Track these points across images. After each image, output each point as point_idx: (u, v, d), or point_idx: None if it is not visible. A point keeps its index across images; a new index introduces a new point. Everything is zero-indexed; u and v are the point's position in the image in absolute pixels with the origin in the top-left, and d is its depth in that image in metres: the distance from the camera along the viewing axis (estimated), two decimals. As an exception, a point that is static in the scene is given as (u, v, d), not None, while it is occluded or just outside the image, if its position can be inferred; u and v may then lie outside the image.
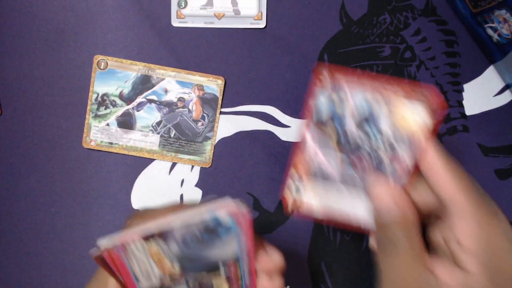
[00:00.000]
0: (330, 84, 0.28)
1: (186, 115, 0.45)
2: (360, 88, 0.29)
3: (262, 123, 0.46)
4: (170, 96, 0.45)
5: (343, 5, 0.46)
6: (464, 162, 0.45)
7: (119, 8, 0.45)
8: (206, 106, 0.45)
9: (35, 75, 0.45)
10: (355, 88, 0.29)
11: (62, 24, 0.45)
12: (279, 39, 0.46)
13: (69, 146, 0.45)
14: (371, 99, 0.29)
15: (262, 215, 0.45)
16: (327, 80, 0.28)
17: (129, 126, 0.45)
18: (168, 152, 0.45)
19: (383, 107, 0.29)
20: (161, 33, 0.45)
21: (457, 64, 0.46)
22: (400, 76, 0.46)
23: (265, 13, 0.45)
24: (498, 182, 0.45)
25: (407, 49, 0.46)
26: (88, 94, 0.45)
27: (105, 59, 0.45)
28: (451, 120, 0.46)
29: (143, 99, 0.44)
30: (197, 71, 0.45)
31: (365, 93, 0.29)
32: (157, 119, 0.45)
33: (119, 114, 0.45)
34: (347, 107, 0.29)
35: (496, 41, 0.43)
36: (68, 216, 0.45)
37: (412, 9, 0.46)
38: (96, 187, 0.45)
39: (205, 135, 0.45)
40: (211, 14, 0.45)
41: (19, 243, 0.45)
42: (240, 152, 0.45)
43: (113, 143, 0.45)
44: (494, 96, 0.46)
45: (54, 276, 0.45)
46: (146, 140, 0.45)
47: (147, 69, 0.45)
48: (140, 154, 0.45)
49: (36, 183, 0.45)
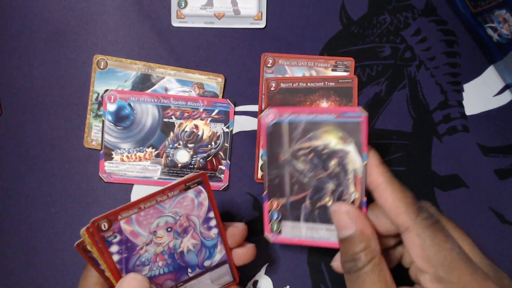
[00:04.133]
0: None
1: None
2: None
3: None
4: (171, 92, 0.45)
5: (343, 5, 0.46)
6: (464, 162, 0.45)
7: (119, 8, 0.45)
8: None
9: (35, 75, 0.45)
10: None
11: (62, 24, 0.45)
12: (279, 39, 0.46)
13: (69, 146, 0.45)
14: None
15: (262, 215, 0.45)
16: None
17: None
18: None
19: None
20: (161, 33, 0.45)
21: (457, 64, 0.46)
22: (399, 76, 0.46)
23: (265, 13, 0.45)
24: (498, 182, 0.45)
25: (407, 49, 0.46)
26: (88, 94, 0.45)
27: (104, 58, 0.45)
28: (451, 120, 0.46)
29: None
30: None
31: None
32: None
33: (119, 114, 0.45)
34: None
35: (496, 41, 0.43)
36: (68, 216, 0.45)
37: (412, 9, 0.46)
38: (96, 187, 0.45)
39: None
40: (211, 14, 0.45)
41: (19, 243, 0.45)
42: (240, 152, 0.45)
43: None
44: (494, 96, 0.46)
45: (54, 276, 0.45)
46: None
47: (147, 68, 0.45)
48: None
49: (36, 183, 0.45)
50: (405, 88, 0.46)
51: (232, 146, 0.45)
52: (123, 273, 0.32)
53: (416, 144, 0.46)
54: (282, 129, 0.36)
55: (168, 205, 0.32)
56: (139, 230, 0.31)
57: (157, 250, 0.32)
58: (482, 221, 0.45)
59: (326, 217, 0.36)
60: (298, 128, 0.36)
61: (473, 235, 0.45)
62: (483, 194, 0.45)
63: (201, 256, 0.34)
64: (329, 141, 0.35)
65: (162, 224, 0.32)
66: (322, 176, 0.36)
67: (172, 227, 0.32)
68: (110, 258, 0.31)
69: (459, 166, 0.45)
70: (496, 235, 0.45)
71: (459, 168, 0.45)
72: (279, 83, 0.44)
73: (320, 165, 0.35)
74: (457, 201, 0.45)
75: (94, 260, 0.32)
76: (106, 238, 0.30)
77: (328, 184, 0.36)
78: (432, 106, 0.46)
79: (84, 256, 0.32)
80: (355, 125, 0.34)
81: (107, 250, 0.31)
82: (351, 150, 0.35)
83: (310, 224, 0.37)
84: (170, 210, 0.32)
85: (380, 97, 0.45)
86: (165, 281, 0.33)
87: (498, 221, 0.45)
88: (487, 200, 0.45)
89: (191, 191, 0.32)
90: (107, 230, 0.30)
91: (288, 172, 0.36)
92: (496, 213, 0.45)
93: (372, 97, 0.45)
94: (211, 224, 0.34)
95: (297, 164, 0.36)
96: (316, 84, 0.44)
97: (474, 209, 0.45)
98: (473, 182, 0.45)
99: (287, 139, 0.36)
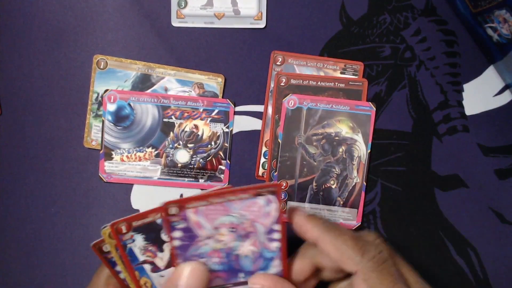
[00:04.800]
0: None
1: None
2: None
3: (262, 123, 0.46)
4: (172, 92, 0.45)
5: (343, 5, 0.46)
6: (464, 162, 0.45)
7: (119, 8, 0.45)
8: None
9: (35, 75, 0.45)
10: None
11: (62, 24, 0.45)
12: (279, 39, 0.46)
13: (69, 146, 0.45)
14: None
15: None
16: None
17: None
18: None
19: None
20: (161, 33, 0.45)
21: (457, 64, 0.46)
22: (399, 76, 0.46)
23: (265, 13, 0.45)
24: (498, 182, 0.45)
25: (407, 49, 0.46)
26: (88, 93, 0.45)
27: (104, 58, 0.45)
28: (451, 120, 0.46)
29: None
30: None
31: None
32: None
33: (119, 114, 0.45)
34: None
35: (496, 41, 0.43)
36: (68, 216, 0.45)
37: (412, 9, 0.46)
38: (96, 187, 0.45)
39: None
40: (211, 14, 0.45)
41: (19, 243, 0.45)
42: (240, 152, 0.45)
43: (113, 143, 0.45)
44: (494, 96, 0.46)
45: (54, 276, 0.45)
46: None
47: (147, 68, 0.45)
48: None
49: (36, 183, 0.45)
50: (405, 88, 0.46)
51: (232, 146, 0.45)
52: (179, 259, 0.32)
53: (416, 144, 0.46)
54: (301, 114, 0.41)
55: (237, 206, 0.31)
56: (204, 223, 0.31)
57: (216, 246, 0.32)
58: (482, 221, 0.45)
59: (329, 199, 0.41)
60: (315, 115, 0.41)
61: (473, 235, 0.45)
62: (483, 194, 0.45)
63: (256, 264, 0.33)
64: (341, 130, 0.41)
65: (227, 222, 0.32)
66: (330, 161, 0.41)
67: (236, 228, 0.32)
68: (129, 263, 0.31)
69: (459, 166, 0.45)
70: (496, 235, 0.45)
71: (459, 168, 0.45)
72: (289, 79, 0.44)
73: (330, 151, 0.40)
74: (457, 201, 0.45)
75: (110, 262, 0.32)
76: (171, 222, 0.31)
77: (335, 168, 0.41)
78: (432, 106, 0.46)
79: (100, 257, 0.32)
80: (366, 117, 0.41)
81: (125, 254, 0.31)
82: (358, 139, 0.41)
83: (313, 205, 0.41)
84: (238, 211, 0.32)
85: (380, 97, 0.45)
86: (215, 278, 0.33)
87: (498, 221, 0.45)
88: (487, 200, 0.45)
89: (262, 198, 0.32)
90: (175, 215, 0.30)
91: (301, 155, 0.41)
92: (496, 213, 0.45)
93: (372, 97, 0.45)
94: (274, 237, 0.33)
95: (310, 148, 0.40)
96: (326, 84, 0.44)
97: (474, 209, 0.45)
98: (473, 182, 0.45)
99: (304, 124, 0.41)
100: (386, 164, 0.45)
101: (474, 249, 0.45)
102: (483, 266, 0.45)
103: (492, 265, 0.45)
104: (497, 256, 0.45)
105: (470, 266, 0.45)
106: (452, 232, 0.45)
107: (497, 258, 0.45)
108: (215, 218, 0.31)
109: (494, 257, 0.45)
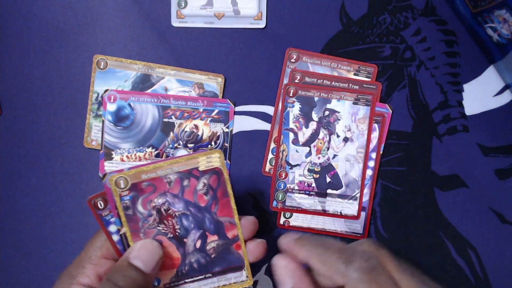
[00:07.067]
0: None
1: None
2: None
3: (262, 123, 0.46)
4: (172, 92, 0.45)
5: (343, 5, 0.46)
6: (464, 162, 0.45)
7: (119, 8, 0.45)
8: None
9: (35, 75, 0.45)
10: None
11: (62, 24, 0.45)
12: (279, 39, 0.46)
13: (69, 146, 0.45)
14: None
15: (262, 215, 0.45)
16: None
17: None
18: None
19: None
20: (161, 33, 0.45)
21: (457, 64, 0.46)
22: (399, 76, 0.46)
23: (265, 13, 0.45)
24: (498, 182, 0.45)
25: (407, 49, 0.46)
26: (88, 94, 0.45)
27: (104, 58, 0.45)
28: (451, 120, 0.46)
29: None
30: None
31: None
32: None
33: (119, 114, 0.45)
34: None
35: (496, 41, 0.43)
36: (68, 216, 0.45)
37: (412, 9, 0.46)
38: (96, 187, 0.45)
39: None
40: (211, 14, 0.45)
41: (19, 243, 0.45)
42: (240, 152, 0.45)
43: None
44: (494, 96, 0.46)
45: (54, 276, 0.45)
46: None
47: (147, 68, 0.45)
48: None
49: (36, 183, 0.45)
50: (405, 88, 0.46)
51: (232, 146, 0.45)
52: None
53: (416, 144, 0.46)
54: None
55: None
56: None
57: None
58: (482, 221, 0.45)
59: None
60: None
61: (473, 235, 0.45)
62: (483, 194, 0.45)
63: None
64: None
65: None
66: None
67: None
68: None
69: (459, 166, 0.45)
70: (496, 235, 0.45)
71: (459, 168, 0.46)
72: (304, 77, 0.44)
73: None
74: (457, 201, 0.45)
75: (104, 220, 0.32)
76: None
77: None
78: (432, 106, 0.46)
79: (94, 214, 0.32)
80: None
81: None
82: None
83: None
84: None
85: (380, 97, 0.45)
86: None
87: (498, 221, 0.45)
88: (487, 200, 0.45)
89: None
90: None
91: None
92: (496, 213, 0.45)
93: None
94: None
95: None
96: (340, 85, 0.44)
97: (474, 209, 0.45)
98: (473, 182, 0.45)
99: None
100: (386, 164, 0.45)
101: (474, 249, 0.45)
102: (483, 266, 0.45)
103: (492, 265, 0.45)
104: (497, 256, 0.45)
105: (470, 266, 0.45)
106: (452, 232, 0.45)
107: (497, 258, 0.45)
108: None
109: (494, 257, 0.45)
